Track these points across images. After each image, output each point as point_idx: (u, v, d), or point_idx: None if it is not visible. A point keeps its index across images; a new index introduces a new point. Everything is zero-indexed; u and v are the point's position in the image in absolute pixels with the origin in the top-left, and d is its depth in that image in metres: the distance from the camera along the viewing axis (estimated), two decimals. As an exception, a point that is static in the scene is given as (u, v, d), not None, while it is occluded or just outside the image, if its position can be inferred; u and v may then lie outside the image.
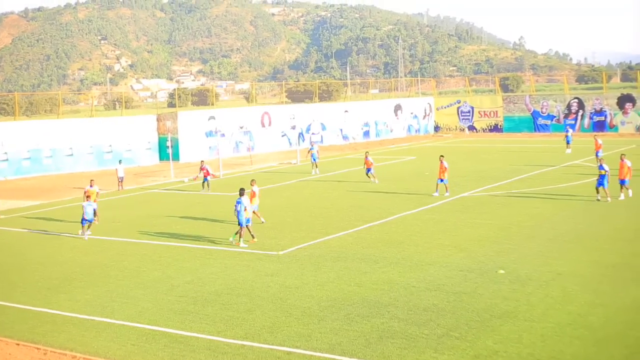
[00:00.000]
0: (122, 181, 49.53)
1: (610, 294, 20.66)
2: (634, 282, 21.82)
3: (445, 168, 39.80)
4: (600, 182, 35.93)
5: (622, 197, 36.44)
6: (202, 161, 48.61)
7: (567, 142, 62.50)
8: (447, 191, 40.00)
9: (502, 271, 23.47)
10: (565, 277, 22.63)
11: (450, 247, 27.31)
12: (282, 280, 23.70)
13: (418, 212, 35.22)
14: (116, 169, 50.40)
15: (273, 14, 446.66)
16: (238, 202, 28.65)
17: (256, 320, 19.71)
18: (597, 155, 49.07)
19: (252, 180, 34.23)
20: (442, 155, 40.92)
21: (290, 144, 75.92)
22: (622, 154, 37.74)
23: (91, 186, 37.59)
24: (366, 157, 46.72)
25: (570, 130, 65.45)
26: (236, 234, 29.46)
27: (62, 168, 62.01)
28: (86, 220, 32.42)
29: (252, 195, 32.66)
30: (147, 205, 41.90)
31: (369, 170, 46.36)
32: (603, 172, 35.84)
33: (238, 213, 28.62)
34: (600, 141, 51.77)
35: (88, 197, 34.84)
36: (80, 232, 33.13)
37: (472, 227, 30.93)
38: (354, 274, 24.02)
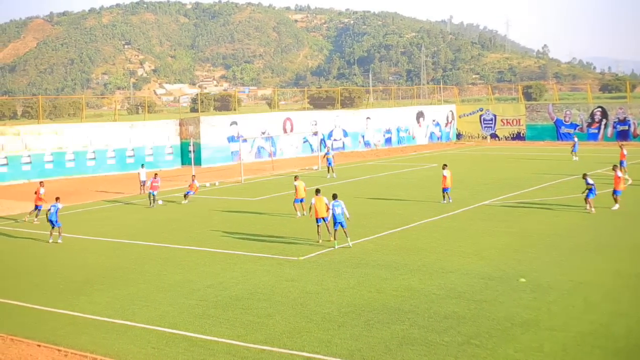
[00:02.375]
0: (144, 185, 49.74)
1: (633, 304, 20.52)
2: (657, 292, 21.67)
3: (444, 177, 39.84)
4: (589, 194, 36.07)
5: (615, 207, 36.39)
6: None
7: (573, 151, 62.29)
8: (444, 199, 40.04)
9: (523, 280, 23.36)
10: (587, 286, 22.50)
11: (471, 255, 27.20)
12: (303, 285, 23.71)
13: (439, 219, 35.11)
14: (138, 173, 50.67)
15: (296, 21, 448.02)
16: (334, 205, 29.39)
17: (276, 325, 19.72)
18: (621, 164, 48.65)
19: (296, 176, 38.77)
20: (445, 165, 41.09)
21: (312, 150, 75.93)
22: (614, 165, 38.51)
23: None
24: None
25: (577, 139, 64.88)
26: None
27: (85, 171, 62.35)
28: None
29: (297, 190, 37.24)
30: (169, 209, 42.02)
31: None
32: (590, 186, 35.82)
33: (334, 216, 29.30)
34: (625, 151, 51.23)
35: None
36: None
37: (493, 235, 30.80)
38: (375, 281, 23.99)
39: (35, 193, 39.92)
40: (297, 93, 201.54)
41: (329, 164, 54.92)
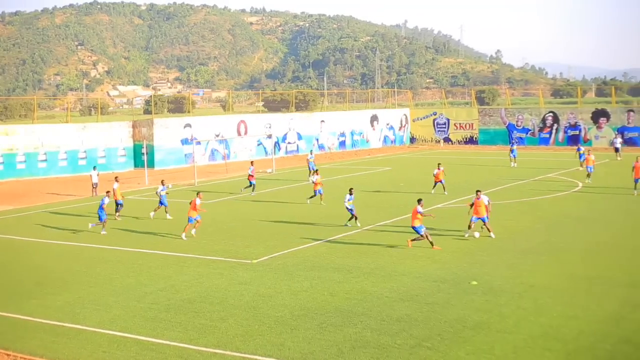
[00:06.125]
0: (96, 187, 49.28)
1: (583, 307, 20.77)
2: (606, 295, 21.95)
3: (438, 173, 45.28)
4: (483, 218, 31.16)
5: (476, 234, 31.20)
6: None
7: (513, 156, 61.84)
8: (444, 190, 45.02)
9: (475, 282, 23.56)
10: (538, 289, 22.74)
11: (423, 258, 27.35)
12: (256, 288, 23.65)
13: (391, 222, 35.27)
14: (90, 175, 50.14)
15: (251, 23, 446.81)
16: (348, 198, 34.70)
17: (229, 328, 19.65)
18: (590, 170, 48.84)
19: (317, 170, 44.13)
20: (439, 163, 46.18)
21: (266, 152, 75.82)
22: (477, 190, 31.87)
23: None
24: None
25: (516, 144, 64.87)
26: (350, 219, 35.05)
27: (36, 173, 61.55)
28: None
29: (316, 185, 41.76)
30: (121, 212, 41.60)
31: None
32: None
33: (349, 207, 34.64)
34: (592, 156, 50.37)
35: None
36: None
37: (446, 239, 30.99)
38: (328, 284, 24.01)
39: None
40: (252, 96, 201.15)
41: (312, 167, 54.46)
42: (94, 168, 50.89)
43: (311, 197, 42.40)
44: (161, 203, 39.16)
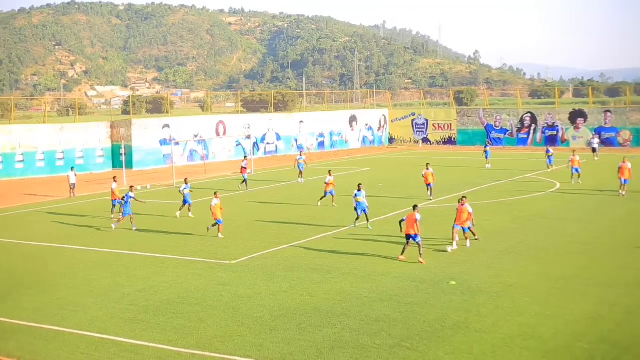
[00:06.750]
0: (74, 188, 49.09)
1: (560, 306, 20.90)
2: (583, 294, 22.10)
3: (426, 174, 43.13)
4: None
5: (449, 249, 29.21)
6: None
7: (486, 157, 62.08)
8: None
9: (453, 282, 23.65)
10: (516, 288, 22.86)
11: (402, 258, 27.39)
12: (235, 289, 23.63)
13: (371, 222, 35.27)
14: (68, 176, 49.89)
15: (230, 24, 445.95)
16: (356, 194, 34.16)
17: (208, 329, 19.62)
18: (576, 171, 48.80)
19: (330, 170, 42.99)
20: (428, 164, 44.29)
21: (245, 153, 75.75)
22: (463, 197, 30.17)
23: None
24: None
25: (490, 145, 64.97)
26: (357, 219, 34.49)
27: (13, 174, 61.17)
28: None
29: (327, 185, 40.52)
30: (99, 212, 41.46)
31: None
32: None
33: (357, 204, 34.02)
34: (577, 157, 50.04)
35: None
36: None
37: (424, 239, 31.02)
38: (307, 284, 24.03)
39: None
40: (231, 96, 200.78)
41: (300, 168, 54.28)
42: (72, 169, 50.61)
43: (322, 198, 41.60)
44: (185, 202, 39.00)
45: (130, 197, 35.87)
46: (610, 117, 79.79)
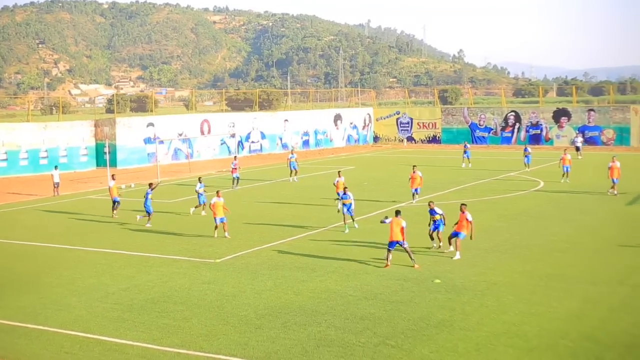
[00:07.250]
0: (57, 187, 48.90)
1: (544, 304, 20.97)
2: (567, 292, 22.19)
3: (413, 178, 41.18)
4: (435, 227, 29.07)
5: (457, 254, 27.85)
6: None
7: (467, 157, 61.68)
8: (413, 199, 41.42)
9: (438, 280, 23.71)
10: (500, 286, 22.93)
11: (387, 257, 27.39)
12: (219, 288, 23.59)
13: (356, 221, 35.27)
14: (52, 175, 49.68)
15: (214, 22, 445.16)
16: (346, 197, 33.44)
17: (193, 328, 19.58)
18: (566, 170, 48.88)
19: (339, 171, 41.99)
20: (414, 165, 42.74)
21: (230, 151, 75.57)
22: (462, 204, 28.35)
23: None
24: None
25: (469, 145, 65.46)
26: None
27: (-4, 173, 60.90)
28: None
29: (338, 185, 38.29)
30: (83, 211, 41.32)
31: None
32: (437, 217, 28.94)
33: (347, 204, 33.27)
34: (569, 156, 50.19)
35: None
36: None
37: (409, 237, 31.02)
38: (292, 283, 24.02)
39: None
40: (215, 95, 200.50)
41: (293, 167, 53.85)
42: (56, 167, 50.40)
43: (337, 199, 39.29)
44: (201, 201, 38.96)
45: (149, 193, 36.38)
46: (593, 116, 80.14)
